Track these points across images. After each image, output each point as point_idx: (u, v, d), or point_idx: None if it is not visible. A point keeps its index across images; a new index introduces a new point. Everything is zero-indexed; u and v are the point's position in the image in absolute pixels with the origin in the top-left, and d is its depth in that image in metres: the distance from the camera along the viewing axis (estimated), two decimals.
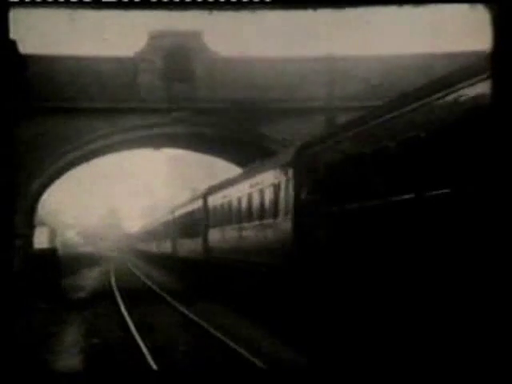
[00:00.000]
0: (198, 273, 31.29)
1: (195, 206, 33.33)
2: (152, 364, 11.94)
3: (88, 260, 67.27)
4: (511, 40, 7.91)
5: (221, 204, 26.26)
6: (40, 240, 47.91)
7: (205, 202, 30.04)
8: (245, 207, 22.10)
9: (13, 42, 25.05)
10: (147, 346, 14.09)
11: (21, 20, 9.77)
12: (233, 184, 24.69)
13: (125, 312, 21.18)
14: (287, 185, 17.25)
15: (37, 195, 31.55)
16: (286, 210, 17.26)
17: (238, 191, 23.31)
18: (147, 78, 30.52)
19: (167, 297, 26.76)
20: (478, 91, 8.89)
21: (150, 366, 11.83)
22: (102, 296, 28.61)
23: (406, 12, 9.82)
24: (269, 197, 19.20)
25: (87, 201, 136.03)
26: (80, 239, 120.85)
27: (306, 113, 29.89)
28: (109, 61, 30.70)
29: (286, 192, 17.30)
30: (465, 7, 9.93)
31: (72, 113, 29.85)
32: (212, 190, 29.27)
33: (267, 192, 19.39)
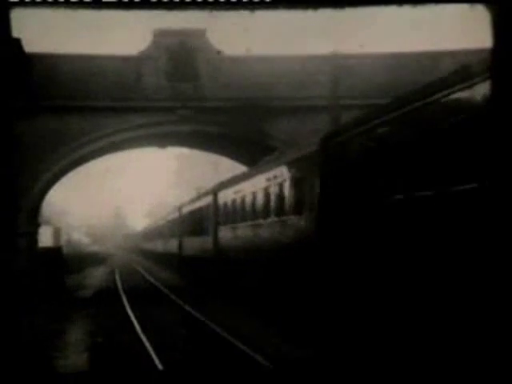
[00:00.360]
0: (207, 273, 29.98)
1: (204, 203, 31.92)
2: (157, 364, 11.79)
3: (93, 259, 67.29)
4: (511, 40, 7.89)
5: (233, 200, 24.72)
6: (44, 239, 47.98)
7: (215, 199, 28.63)
8: (261, 203, 20.48)
9: (17, 40, 25.04)
10: (153, 347, 13.84)
11: (22, 18, 9.74)
12: (247, 178, 23.08)
13: (131, 313, 21.12)
14: (312, 178, 15.62)
15: (41, 194, 31.55)
16: (311, 206, 15.68)
17: (253, 186, 21.65)
18: (152, 77, 30.50)
19: (173, 296, 26.15)
20: None
21: (156, 367, 11.68)
22: (107, 295, 28.58)
23: (406, 12, 9.78)
24: (289, 192, 17.57)
25: (93, 201, 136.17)
26: (87, 239, 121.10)
27: (311, 111, 29.84)
28: (113, 59, 30.68)
29: (311, 186, 15.68)
30: (465, 7, 9.89)
31: (76, 111, 29.85)
32: (223, 186, 27.82)
33: (287, 186, 17.76)
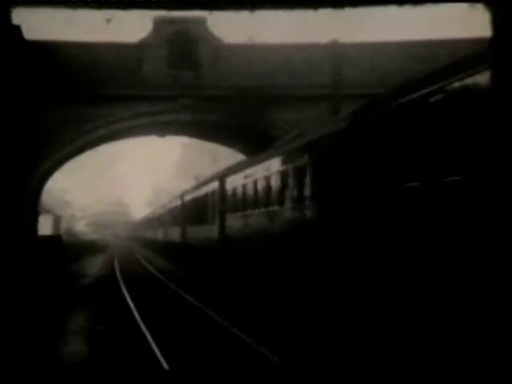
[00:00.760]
0: (212, 262, 28.27)
1: (209, 190, 29.77)
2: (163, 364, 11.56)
3: (92, 248, 67.32)
4: (511, 39, 7.89)
5: (243, 186, 22.63)
6: (44, 228, 48.03)
7: (222, 185, 26.57)
8: (276, 189, 18.48)
9: (17, 28, 25.01)
10: (155, 340, 13.61)
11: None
12: (260, 162, 20.90)
13: (131, 303, 21.12)
14: (338, 160, 13.77)
15: (41, 182, 31.59)
16: (336, 191, 14.02)
17: (267, 170, 19.57)
18: (152, 65, 30.48)
19: (176, 289, 25.01)
20: None
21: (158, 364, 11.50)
22: (106, 284, 28.58)
23: (406, 12, 9.73)
24: (311, 175, 15.62)
25: (94, 189, 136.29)
26: (87, 228, 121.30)
27: (312, 100, 29.82)
28: (114, 47, 30.66)
29: (338, 169, 13.87)
30: (464, 7, 9.88)
31: (76, 100, 29.83)
32: (231, 171, 25.78)
33: (308, 170, 15.75)
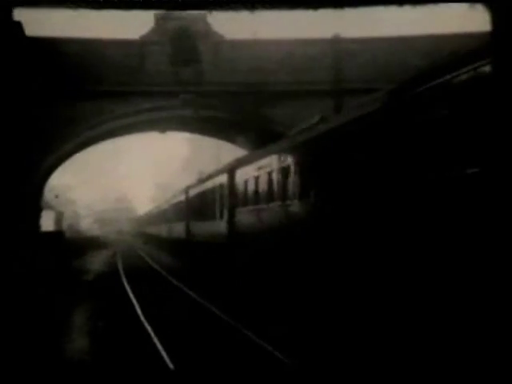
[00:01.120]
0: (220, 260, 26.84)
1: (217, 183, 28.17)
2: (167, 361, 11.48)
3: (95, 244, 67.37)
4: (510, 39, 7.89)
5: (256, 178, 21.00)
6: (47, 224, 48.06)
7: (231, 178, 25.09)
8: (296, 180, 16.72)
9: (18, 24, 25.01)
10: (158, 338, 13.53)
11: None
12: (276, 152, 19.20)
13: (133, 300, 21.10)
14: (376, 143, 12.03)
15: (44, 178, 31.61)
16: (368, 181, 12.45)
17: (283, 160, 17.94)
18: (154, 62, 30.48)
19: (180, 285, 24.43)
20: None
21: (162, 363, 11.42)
22: (109, 280, 28.58)
23: (406, 12, 9.70)
24: (341, 163, 13.86)
25: (98, 186, 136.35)
26: (96, 225, 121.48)
27: (314, 96, 29.77)
28: (116, 44, 30.66)
29: (371, 156, 12.18)
30: (464, 7, 9.88)
31: (77, 96, 29.83)
32: (241, 162, 24.17)
33: (338, 157, 14.04)
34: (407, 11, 8.86)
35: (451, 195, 9.76)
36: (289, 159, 17.52)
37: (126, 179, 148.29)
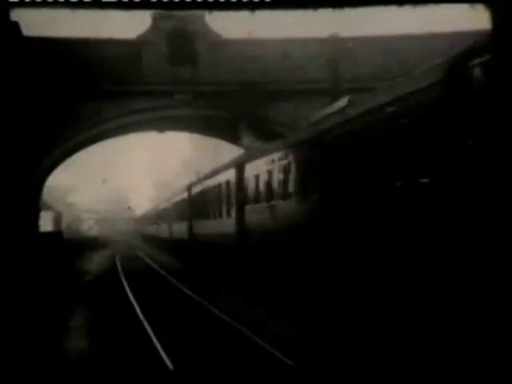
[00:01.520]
0: (227, 261, 25.26)
1: (223, 179, 26.50)
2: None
3: (94, 244, 67.27)
4: (510, 39, 7.90)
5: (269, 172, 19.12)
6: (45, 224, 48.00)
7: (240, 173, 23.34)
8: (320, 173, 14.99)
9: (15, 24, 24.98)
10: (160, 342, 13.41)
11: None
12: (292, 143, 17.39)
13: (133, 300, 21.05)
14: (434, 122, 9.92)
15: (42, 178, 31.58)
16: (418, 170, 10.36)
17: (302, 153, 16.03)
18: (151, 61, 30.45)
19: (182, 287, 23.54)
20: None
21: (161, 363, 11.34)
22: (108, 282, 28.52)
23: (405, 11, 9.62)
24: (385, 148, 11.67)
25: (98, 186, 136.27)
26: (93, 226, 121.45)
27: (312, 95, 29.74)
28: (113, 43, 30.62)
29: (424, 139, 10.21)
30: (464, 7, 9.87)
31: (77, 95, 29.79)
32: (252, 156, 22.52)
33: (380, 142, 11.87)
34: (406, 10, 8.83)
35: None
36: (311, 150, 15.44)
37: (126, 179, 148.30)
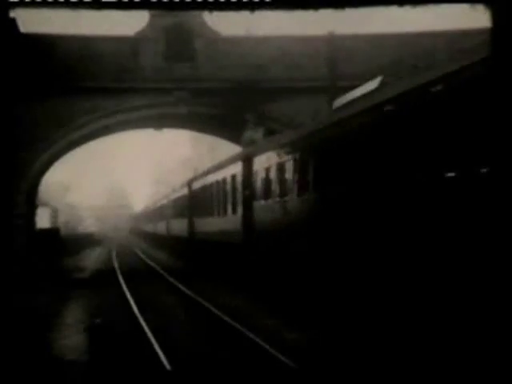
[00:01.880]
0: (232, 260, 23.90)
1: (228, 174, 25.01)
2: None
3: (91, 241, 67.24)
4: (510, 40, 7.88)
5: (280, 165, 17.59)
6: (42, 221, 47.95)
7: (247, 167, 21.83)
8: (336, 165, 13.72)
9: (12, 20, 24.88)
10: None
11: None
12: (311, 132, 15.94)
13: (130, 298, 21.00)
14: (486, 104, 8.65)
15: (39, 175, 31.53)
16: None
17: (324, 141, 14.64)
18: (148, 58, 30.34)
19: (184, 288, 22.35)
20: None
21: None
22: (105, 278, 28.48)
23: (406, 12, 9.53)
24: (423, 134, 10.50)
25: (96, 183, 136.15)
26: (91, 222, 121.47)
27: (310, 93, 29.69)
28: (110, 40, 30.52)
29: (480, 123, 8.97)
30: (465, 7, 9.84)
31: (73, 92, 29.71)
32: (261, 149, 20.98)
33: (417, 126, 10.68)
34: (405, 9, 8.76)
35: None
36: (336, 137, 13.83)
37: (125, 176, 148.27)
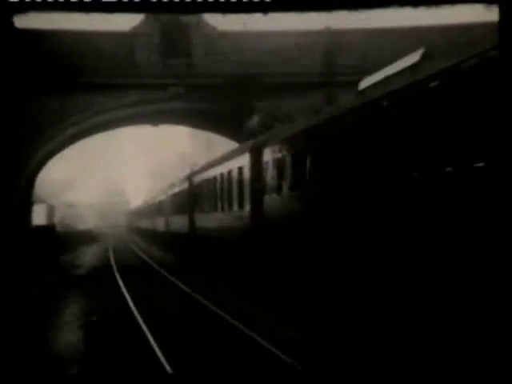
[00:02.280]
0: (238, 258, 22.38)
1: (234, 166, 23.56)
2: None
3: (88, 238, 67.08)
4: None
5: (299, 155, 15.92)
6: (38, 218, 47.86)
7: (255, 158, 20.27)
8: (355, 154, 12.52)
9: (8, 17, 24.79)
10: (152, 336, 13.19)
11: None
12: (340, 115, 13.96)
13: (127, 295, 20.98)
14: None
15: (35, 171, 31.48)
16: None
17: (358, 125, 12.66)
18: (144, 54, 30.28)
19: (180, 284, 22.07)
20: None
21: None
22: (101, 275, 28.45)
23: (421, 13, 9.39)
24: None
25: (93, 178, 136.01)
26: (88, 219, 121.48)
27: (306, 88, 29.67)
28: (106, 35, 30.44)
29: None
30: (465, 7, 9.77)
31: (69, 89, 29.64)
32: (272, 138, 19.40)
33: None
34: (422, 12, 8.69)
35: None
36: (372, 120, 12.05)
37: (122, 172, 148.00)
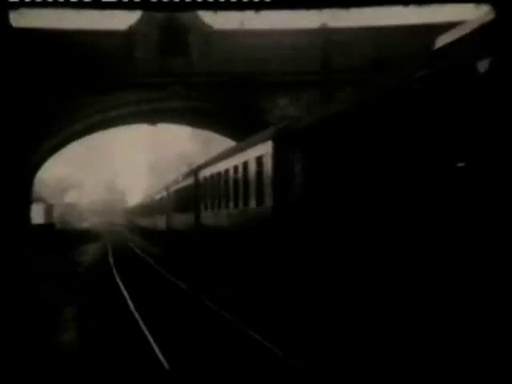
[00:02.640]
0: (255, 257, 19.52)
1: (251, 156, 20.77)
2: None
3: (86, 237, 66.93)
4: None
5: (347, 141, 12.30)
6: (37, 216, 47.86)
7: (280, 145, 17.46)
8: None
9: (5, 14, 24.77)
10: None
11: None
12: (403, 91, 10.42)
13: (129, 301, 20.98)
14: None
15: (33, 170, 31.47)
16: None
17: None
18: (142, 53, 30.29)
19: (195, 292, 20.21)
20: None
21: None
22: (99, 272, 28.45)
23: (410, 12, 9.35)
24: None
25: (92, 177, 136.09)
26: (86, 217, 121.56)
27: (304, 86, 29.68)
28: (104, 34, 30.43)
29: None
30: (470, 7, 9.77)
31: (65, 89, 29.64)
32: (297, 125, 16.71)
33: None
34: (410, 12, 8.72)
35: None
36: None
37: (121, 171, 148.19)
